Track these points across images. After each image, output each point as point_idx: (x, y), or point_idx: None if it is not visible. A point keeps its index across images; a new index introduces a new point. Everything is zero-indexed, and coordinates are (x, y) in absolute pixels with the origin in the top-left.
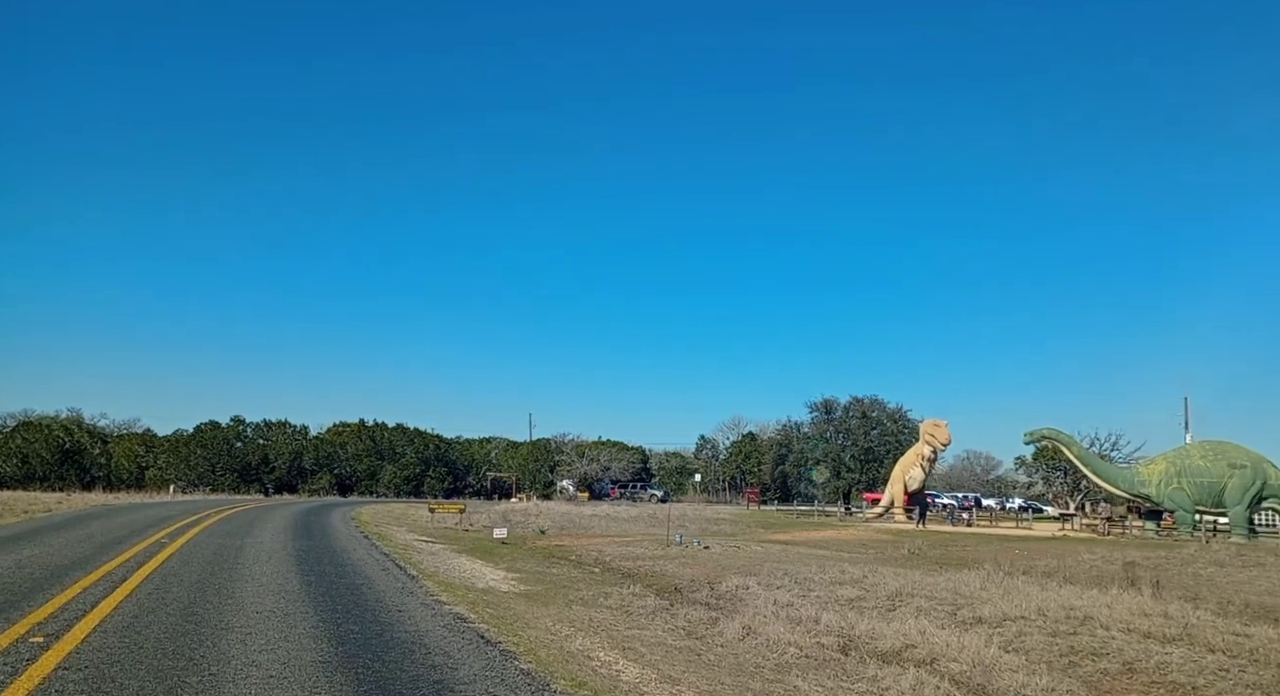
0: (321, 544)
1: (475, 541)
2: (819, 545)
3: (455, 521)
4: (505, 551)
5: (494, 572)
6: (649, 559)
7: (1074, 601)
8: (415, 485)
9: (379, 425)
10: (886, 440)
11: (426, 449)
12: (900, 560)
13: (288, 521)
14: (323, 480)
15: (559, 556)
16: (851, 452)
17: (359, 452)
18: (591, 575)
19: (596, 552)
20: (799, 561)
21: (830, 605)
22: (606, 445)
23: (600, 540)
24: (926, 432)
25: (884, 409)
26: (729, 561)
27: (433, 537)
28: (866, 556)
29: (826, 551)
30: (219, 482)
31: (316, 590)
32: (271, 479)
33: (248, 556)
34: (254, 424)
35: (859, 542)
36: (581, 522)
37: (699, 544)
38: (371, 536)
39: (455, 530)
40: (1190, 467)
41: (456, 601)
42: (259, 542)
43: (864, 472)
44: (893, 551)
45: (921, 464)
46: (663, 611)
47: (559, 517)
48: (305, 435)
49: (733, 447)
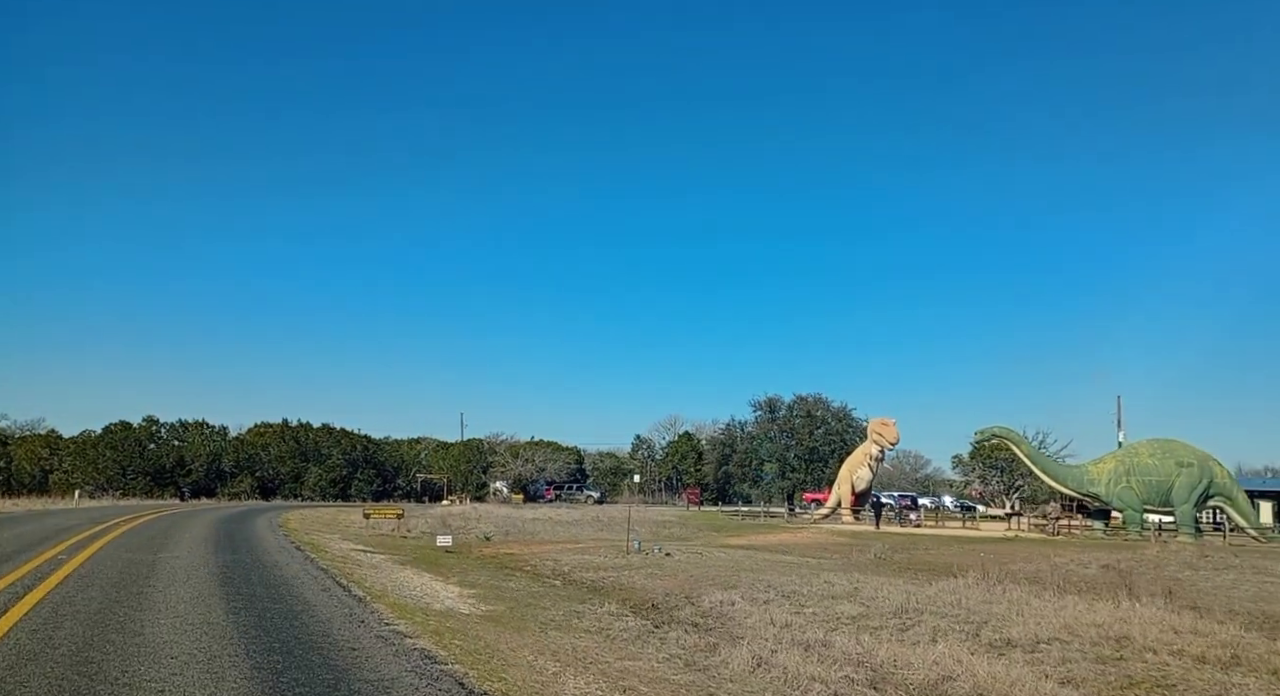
0: (248, 558)
1: (417, 550)
2: (780, 550)
3: (392, 527)
4: (452, 561)
5: (447, 589)
6: (610, 569)
7: (1092, 616)
8: (342, 488)
9: (303, 425)
10: (831, 439)
11: (354, 450)
12: (871, 566)
13: (208, 530)
14: (244, 483)
15: (511, 566)
16: (796, 452)
17: (282, 454)
18: (554, 589)
19: (552, 562)
20: (773, 570)
21: (834, 625)
22: (541, 445)
23: (550, 547)
24: (874, 431)
25: (828, 408)
26: (698, 571)
27: (371, 546)
28: (835, 562)
29: (791, 557)
30: (131, 487)
31: (247, 621)
32: (188, 483)
33: (161, 577)
34: (169, 424)
35: (819, 546)
36: (525, 527)
37: (659, 550)
38: (304, 547)
39: (393, 537)
40: (1139, 466)
41: (417, 631)
42: (175, 558)
43: (809, 472)
44: (859, 556)
45: (869, 463)
46: (648, 635)
47: (501, 522)
48: (224, 436)
49: (669, 447)
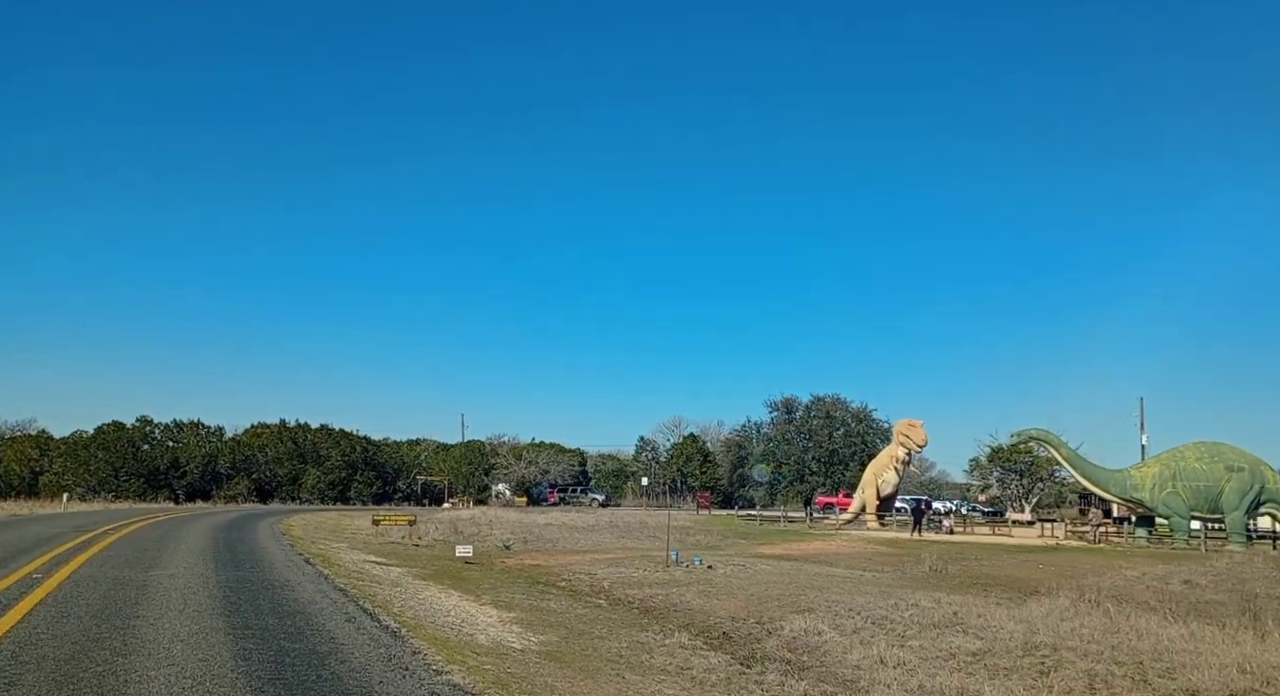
0: (254, 575)
1: (435, 561)
2: (823, 560)
3: (402, 534)
4: (477, 575)
5: (485, 612)
6: (655, 585)
7: (1266, 655)
8: (341, 490)
9: (301, 426)
10: (852, 441)
11: (353, 451)
12: (933, 580)
13: (205, 540)
14: (240, 485)
15: (544, 581)
16: (814, 454)
17: (279, 455)
18: (603, 612)
19: (587, 576)
20: (837, 587)
21: (958, 664)
22: (545, 447)
23: (577, 557)
24: (901, 433)
25: (847, 408)
26: (755, 589)
27: (385, 557)
28: (892, 576)
29: (840, 569)
30: (123, 489)
31: (263, 670)
32: (183, 485)
33: (153, 603)
34: (163, 424)
35: (863, 557)
36: (542, 534)
37: (700, 562)
38: (313, 559)
39: (405, 546)
40: (1185, 471)
41: (471, 677)
42: (170, 577)
43: (828, 475)
44: (914, 568)
45: (895, 466)
46: (740, 677)
47: (515, 528)
48: (220, 437)
49: (674, 449)
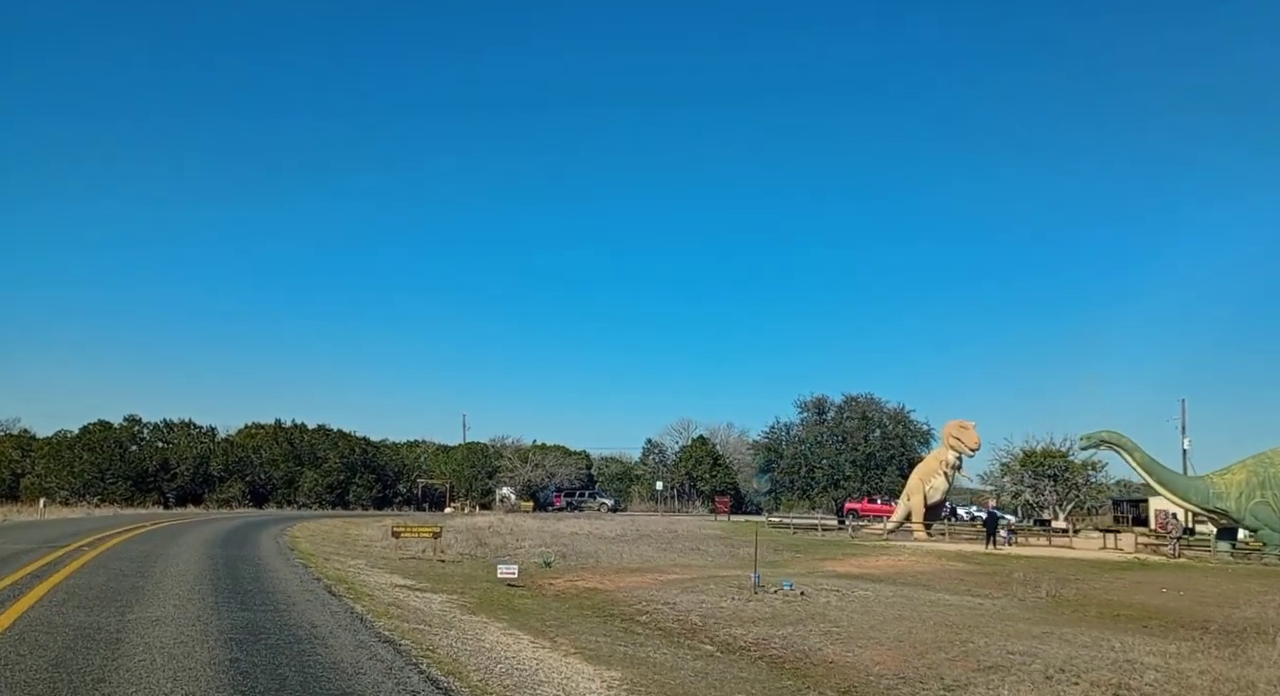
0: (268, 617)
1: (472, 583)
2: (915, 580)
3: (422, 548)
4: (532, 605)
5: (576, 669)
6: (757, 620)
7: None
8: (339, 494)
9: (298, 426)
10: (890, 444)
11: (352, 453)
12: (1060, 610)
13: (201, 559)
14: (233, 488)
15: (616, 614)
16: (850, 458)
17: (275, 457)
18: (720, 664)
19: (666, 607)
20: (984, 625)
21: None
22: (551, 450)
23: (636, 579)
24: (951, 436)
25: (882, 409)
26: (888, 627)
27: (413, 579)
28: (1013, 604)
29: (950, 594)
30: (110, 492)
31: None
32: (173, 488)
33: (130, 671)
34: (152, 424)
35: (953, 576)
36: (576, 546)
37: (791, 588)
38: (336, 586)
39: (430, 561)
40: (1276, 478)
41: None
42: (155, 621)
43: (865, 480)
44: (1025, 592)
45: (945, 472)
46: None
47: (543, 539)
48: (213, 437)
49: (683, 452)
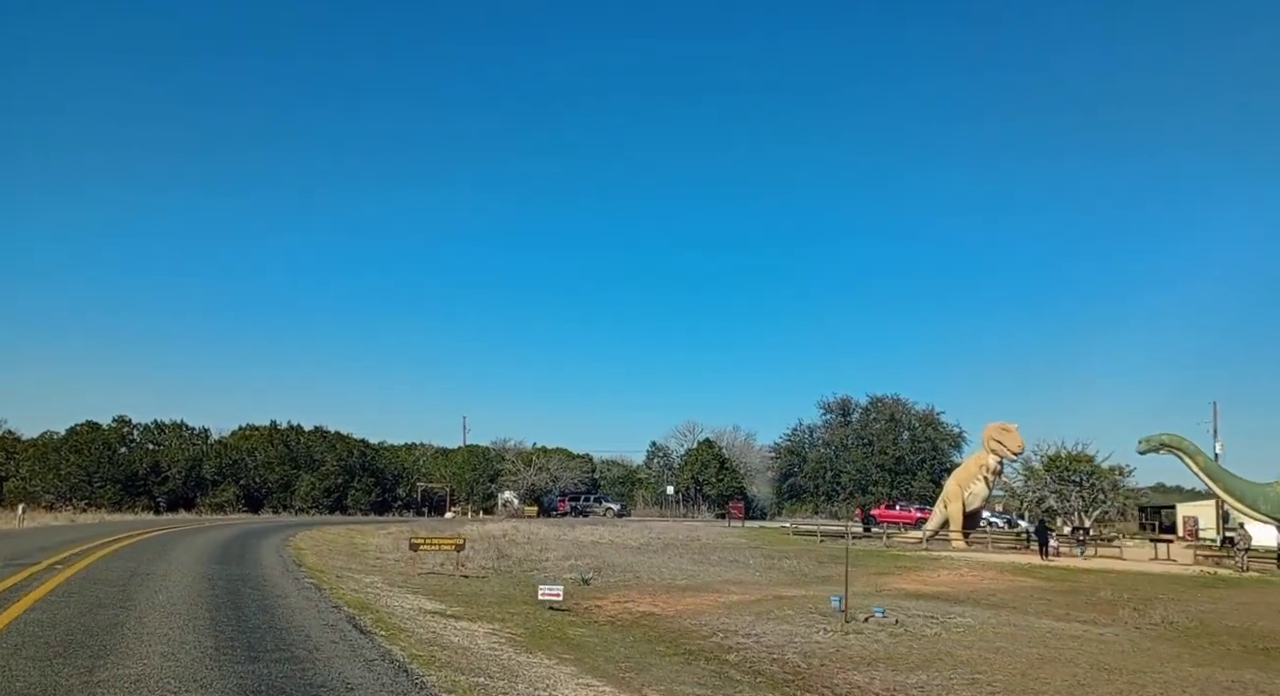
0: (285, 670)
1: (509, 606)
2: (999, 602)
3: (439, 561)
4: (591, 638)
5: None
6: (875, 662)
7: None
8: (337, 498)
9: (294, 428)
10: (921, 448)
11: (350, 455)
12: (1189, 641)
13: (195, 582)
14: (227, 493)
15: (696, 651)
16: (878, 462)
17: (270, 460)
18: None
19: (750, 640)
20: (1169, 675)
21: None
22: (555, 453)
23: (694, 600)
24: (992, 439)
25: (910, 411)
26: (1041, 673)
27: (442, 601)
28: (1134, 635)
29: (1058, 621)
30: (98, 496)
31: None
32: (164, 492)
33: None
34: (142, 425)
35: (1035, 595)
36: (606, 558)
37: (881, 614)
38: (360, 615)
39: (449, 576)
40: None
41: None
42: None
43: (894, 486)
44: (1132, 616)
45: (985, 477)
46: None
47: (567, 549)
48: (205, 439)
49: (689, 455)
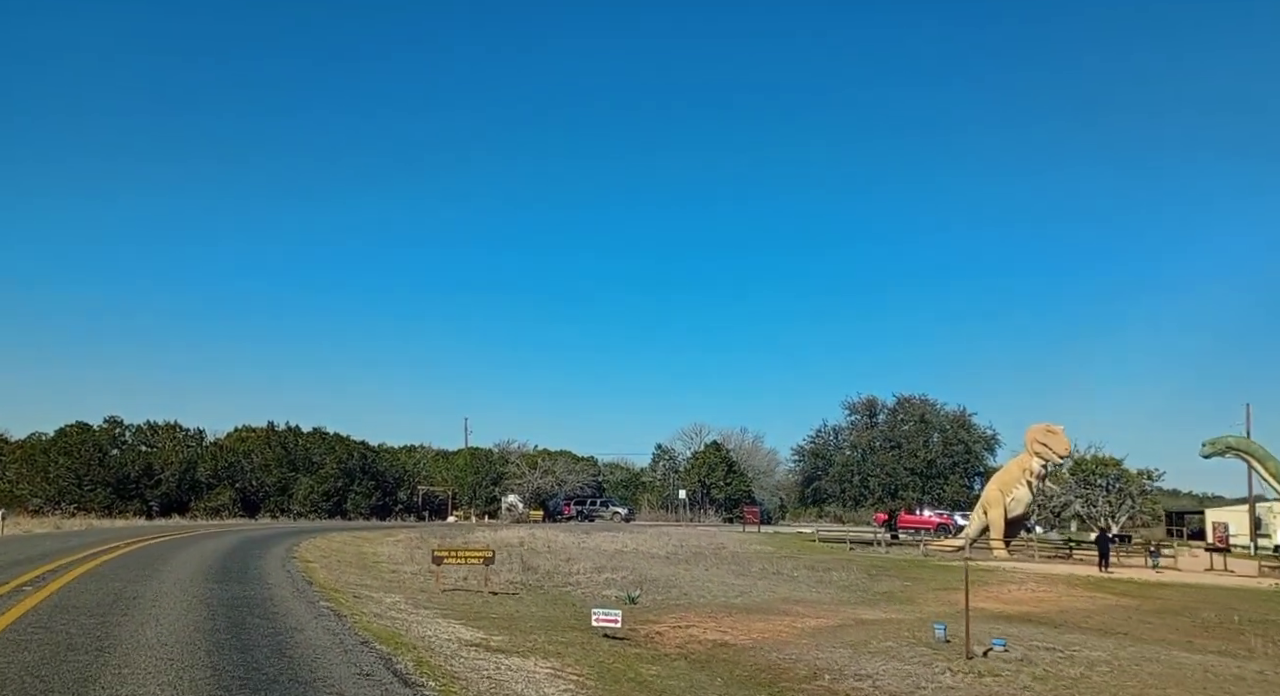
0: None
1: (556, 630)
2: (1101, 626)
3: (463, 575)
4: (675, 682)
5: None
6: None
7: None
8: (337, 502)
9: (292, 429)
10: (953, 450)
11: (350, 458)
12: None
13: (191, 608)
14: (222, 496)
15: None
16: (909, 465)
17: (267, 462)
18: None
19: (870, 686)
20: None
21: None
22: (560, 455)
23: (764, 625)
24: (1036, 441)
25: (940, 411)
26: None
27: (481, 627)
28: None
29: (1181, 651)
30: (88, 500)
31: None
32: (156, 495)
33: None
34: (135, 426)
35: (1131, 616)
36: (641, 570)
37: (1002, 646)
38: (394, 654)
39: (480, 594)
40: None
41: None
42: None
43: (925, 490)
44: (1273, 647)
45: (1029, 481)
46: None
47: (595, 559)
48: (200, 441)
49: (695, 458)
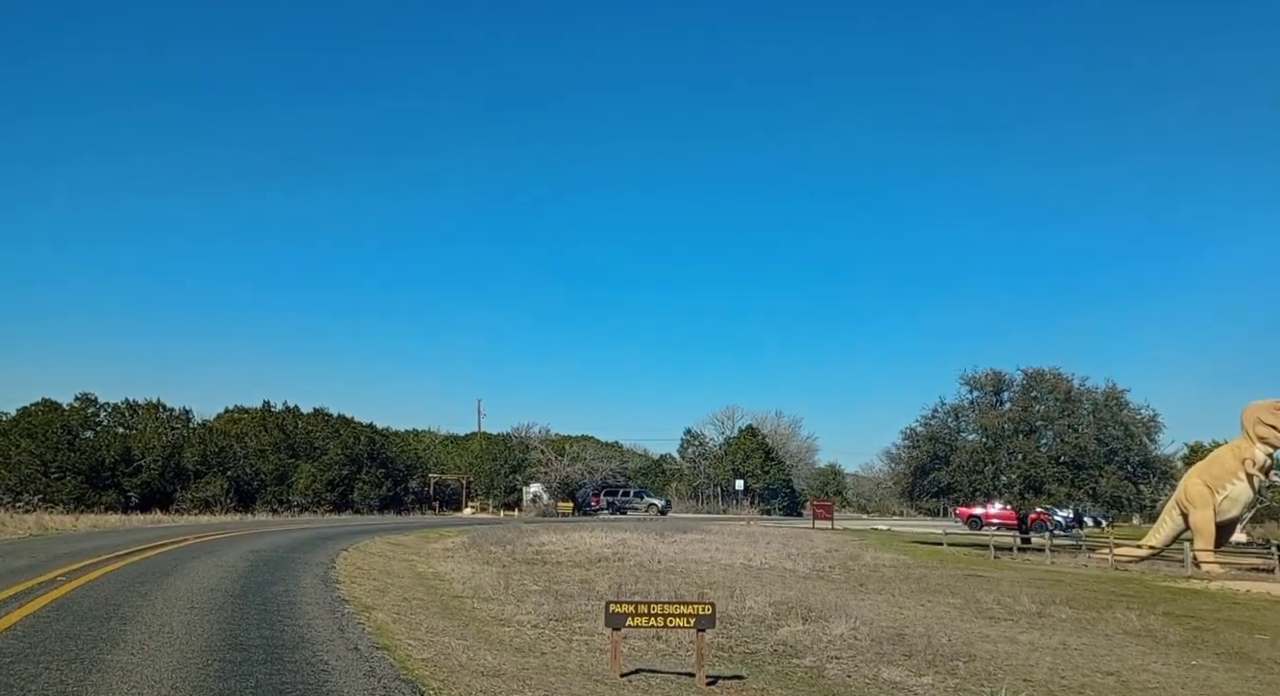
0: None
1: None
2: None
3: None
4: None
5: None
6: None
7: None
8: (343, 492)
9: (291, 410)
10: (1110, 435)
11: (357, 443)
12: None
13: None
14: (212, 486)
15: None
16: (1055, 454)
17: (264, 447)
18: None
19: None
20: None
21: None
22: (589, 441)
23: None
24: (1261, 422)
25: (1088, 389)
26: None
27: None
28: None
29: None
30: (55, 490)
31: None
32: (136, 484)
33: None
34: (111, 405)
35: None
36: (826, 601)
37: None
38: None
39: (688, 685)
40: None
41: None
42: None
43: (1076, 484)
44: None
45: (1249, 472)
46: None
47: (740, 580)
48: (187, 423)
49: (729, 444)
